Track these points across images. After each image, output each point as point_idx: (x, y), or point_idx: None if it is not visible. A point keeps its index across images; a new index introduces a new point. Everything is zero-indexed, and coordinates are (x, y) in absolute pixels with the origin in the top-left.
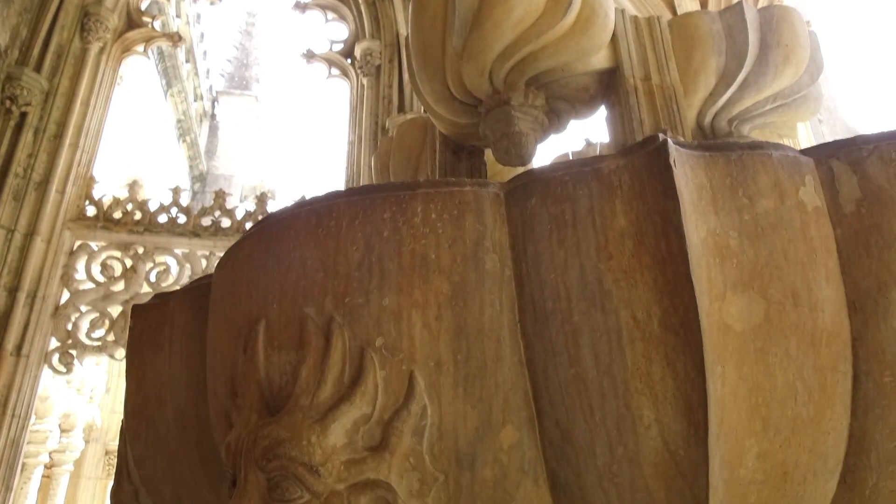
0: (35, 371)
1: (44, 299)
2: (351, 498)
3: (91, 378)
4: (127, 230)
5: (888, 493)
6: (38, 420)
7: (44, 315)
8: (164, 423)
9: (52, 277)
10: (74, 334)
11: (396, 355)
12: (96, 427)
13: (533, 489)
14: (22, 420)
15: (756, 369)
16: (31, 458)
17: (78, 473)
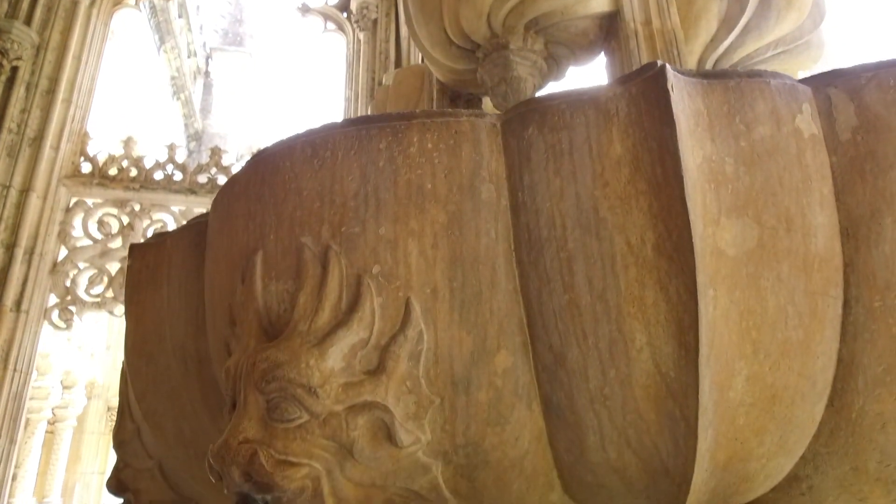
0: (35, 327)
1: (41, 256)
2: (349, 419)
3: (91, 336)
4: (123, 187)
5: (874, 415)
6: (40, 376)
7: (42, 272)
8: (165, 358)
9: (49, 234)
10: (73, 291)
11: (393, 282)
12: (97, 384)
13: (526, 412)
14: (24, 375)
15: (748, 293)
16: (35, 414)
17: (81, 429)
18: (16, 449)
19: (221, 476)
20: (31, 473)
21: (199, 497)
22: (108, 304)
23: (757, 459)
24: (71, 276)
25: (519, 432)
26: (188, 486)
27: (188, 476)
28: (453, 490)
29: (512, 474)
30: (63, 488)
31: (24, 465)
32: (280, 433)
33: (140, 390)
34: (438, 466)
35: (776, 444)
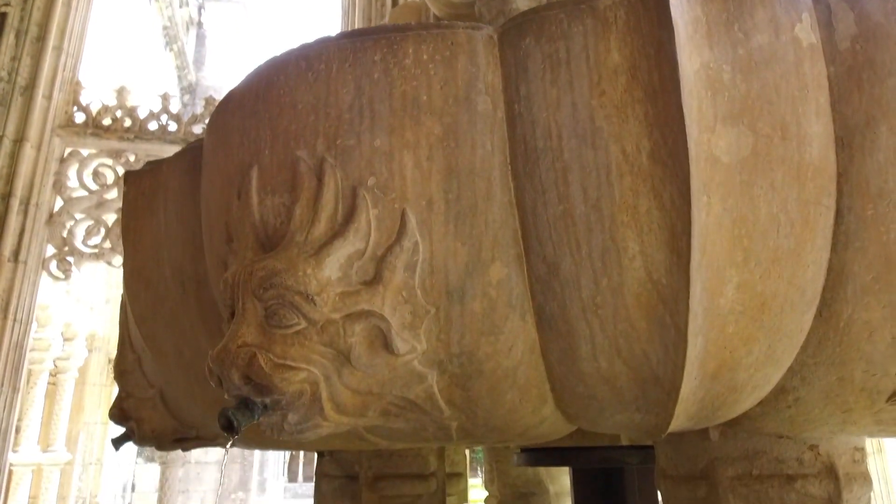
0: (33, 277)
1: (37, 206)
2: (346, 326)
3: (90, 289)
4: (117, 137)
5: (861, 324)
6: (41, 328)
7: (38, 222)
8: (163, 282)
9: (44, 185)
10: (70, 241)
11: (388, 194)
12: (98, 336)
13: (520, 323)
14: (24, 325)
15: (741, 201)
16: (36, 365)
17: (83, 380)
18: (19, 397)
19: (221, 380)
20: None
21: (200, 424)
22: (105, 254)
23: (745, 369)
24: (68, 227)
25: (512, 342)
26: (189, 413)
27: (189, 401)
28: (448, 400)
29: (505, 385)
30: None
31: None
32: (278, 339)
33: (139, 314)
34: (434, 376)
35: (764, 353)
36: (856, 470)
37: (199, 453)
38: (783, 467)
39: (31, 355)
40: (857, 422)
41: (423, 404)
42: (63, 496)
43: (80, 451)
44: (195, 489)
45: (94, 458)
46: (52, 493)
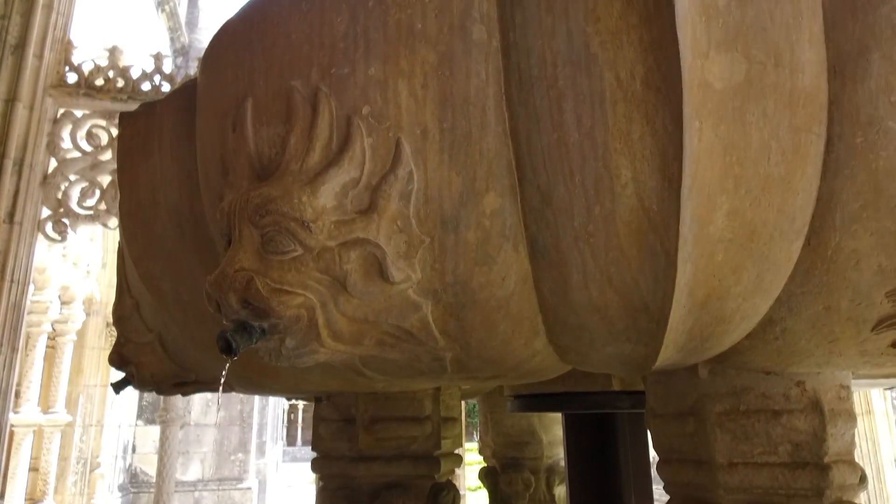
0: (29, 238)
1: (31, 167)
2: (341, 253)
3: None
4: (110, 98)
5: (849, 252)
6: (38, 291)
7: (33, 183)
8: (160, 222)
9: (37, 146)
10: (65, 203)
11: (383, 123)
12: (96, 300)
13: (513, 254)
14: (21, 286)
15: (733, 127)
16: (35, 328)
17: (81, 344)
18: (18, 358)
19: (219, 305)
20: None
21: (199, 368)
22: (101, 216)
23: (734, 298)
24: (62, 189)
25: (505, 273)
26: (188, 356)
27: (187, 343)
28: (442, 330)
29: (498, 315)
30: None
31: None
32: (275, 264)
33: (137, 255)
34: (428, 305)
35: (753, 282)
36: (841, 406)
37: (199, 415)
38: (770, 403)
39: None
40: (843, 352)
41: (417, 334)
42: (64, 457)
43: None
44: (195, 451)
45: (94, 419)
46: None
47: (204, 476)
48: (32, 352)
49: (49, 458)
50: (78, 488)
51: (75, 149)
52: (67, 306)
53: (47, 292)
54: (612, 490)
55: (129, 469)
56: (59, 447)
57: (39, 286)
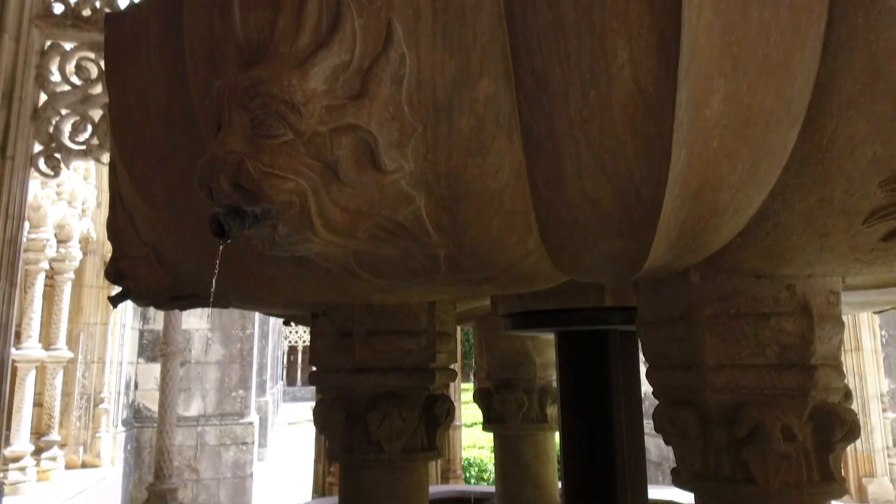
0: (22, 173)
1: (21, 101)
2: (333, 138)
3: (81, 192)
4: (98, 29)
5: (844, 140)
6: (34, 229)
7: (23, 117)
8: (150, 125)
9: (26, 78)
10: (57, 138)
11: (374, 3)
12: (92, 240)
13: (507, 143)
14: (16, 220)
15: (732, 6)
16: (32, 265)
17: (80, 283)
18: (16, 293)
19: (211, 190)
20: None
21: (195, 281)
22: (94, 151)
23: (727, 189)
24: (53, 123)
25: (499, 164)
26: (184, 268)
27: (182, 252)
28: (436, 224)
29: (492, 210)
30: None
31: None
32: (266, 148)
33: (129, 158)
34: (422, 198)
35: (747, 172)
36: (829, 311)
37: (199, 354)
38: (760, 306)
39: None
40: (834, 248)
41: (411, 227)
42: (68, 392)
43: (82, 351)
44: (196, 388)
45: (95, 357)
46: (57, 389)
47: (206, 412)
48: (31, 289)
49: (53, 394)
50: (82, 423)
51: (64, 82)
52: (64, 245)
53: (43, 231)
54: (604, 408)
55: (132, 404)
56: (62, 383)
57: (35, 224)
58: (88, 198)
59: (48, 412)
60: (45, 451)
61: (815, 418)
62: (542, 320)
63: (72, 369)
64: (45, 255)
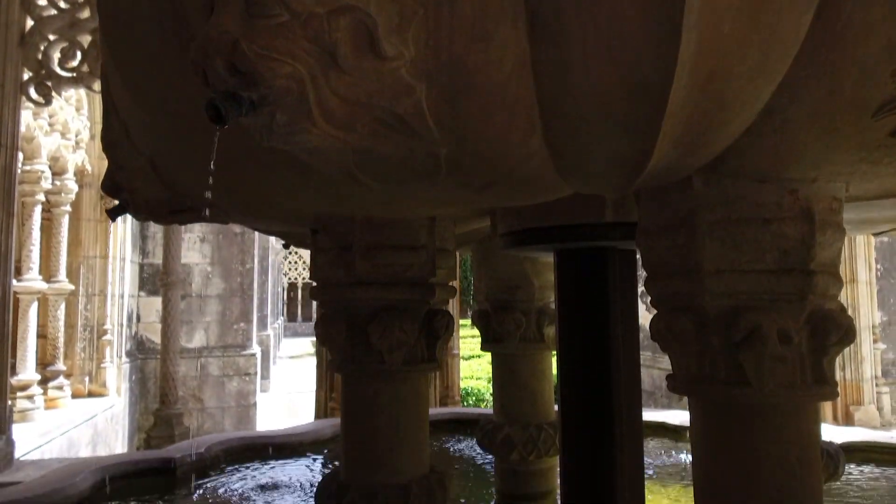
0: (13, 102)
1: (7, 26)
2: (330, 20)
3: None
4: None
5: (859, 25)
6: (28, 160)
7: (11, 44)
8: (141, 23)
9: (10, 2)
10: (47, 65)
11: None
12: (88, 172)
13: (511, 31)
14: (9, 150)
15: None
16: (29, 198)
17: (77, 216)
18: (14, 223)
19: (206, 75)
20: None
21: (193, 193)
22: (85, 79)
23: (737, 79)
24: (42, 49)
25: (503, 53)
26: (181, 180)
27: (179, 162)
28: (437, 118)
29: (495, 103)
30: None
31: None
32: (261, 29)
33: (121, 59)
34: (423, 89)
35: (757, 61)
36: (831, 218)
37: (200, 287)
38: (762, 211)
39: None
40: (841, 146)
41: (411, 121)
42: (71, 324)
43: (83, 284)
44: (198, 320)
45: (96, 289)
46: (60, 321)
47: (208, 344)
48: (29, 222)
49: (56, 325)
50: (87, 353)
51: (51, 6)
52: (59, 178)
53: (38, 162)
54: (601, 326)
55: (135, 337)
56: (64, 315)
57: (29, 156)
58: (82, 130)
59: (52, 343)
60: (51, 381)
61: (811, 322)
62: (541, 237)
63: (73, 302)
64: (40, 188)
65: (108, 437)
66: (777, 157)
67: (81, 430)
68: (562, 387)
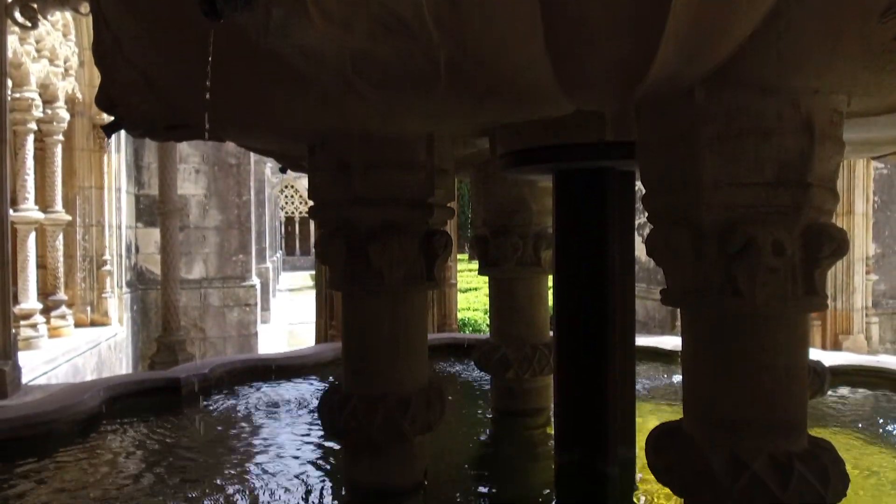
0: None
1: None
2: None
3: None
4: None
5: None
6: (17, 88)
7: None
8: None
9: None
10: None
11: None
12: (79, 101)
13: None
14: None
15: None
16: (20, 126)
17: (70, 146)
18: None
19: None
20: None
21: (189, 109)
22: (72, 0)
23: None
24: None
25: None
26: (175, 94)
27: (172, 71)
28: (436, 18)
29: (496, 4)
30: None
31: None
32: None
33: None
34: None
35: None
36: (831, 131)
37: (197, 219)
38: (762, 123)
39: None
40: (846, 52)
41: (410, 22)
42: (70, 255)
43: (79, 214)
44: (197, 252)
45: (93, 220)
46: (59, 251)
47: (208, 275)
48: (22, 151)
49: (55, 256)
50: (87, 284)
51: None
52: (50, 106)
53: (27, 90)
54: (598, 248)
55: (134, 268)
56: (62, 245)
57: (18, 83)
58: (70, 56)
59: (52, 273)
60: (53, 310)
61: (805, 235)
62: (541, 157)
63: (71, 232)
64: (32, 116)
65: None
66: (780, 64)
67: (86, 357)
68: (557, 308)
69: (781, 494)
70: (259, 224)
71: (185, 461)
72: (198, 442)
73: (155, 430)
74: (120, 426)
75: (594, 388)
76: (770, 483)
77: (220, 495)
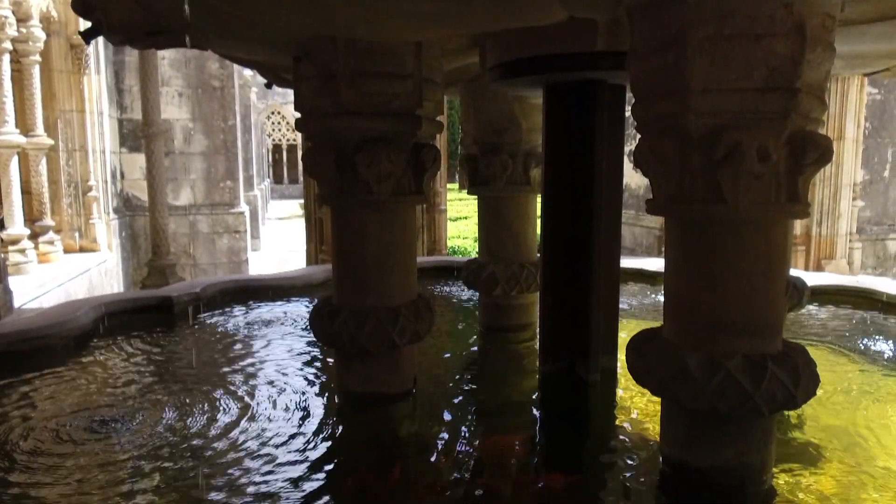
0: None
1: None
2: None
3: None
4: None
5: None
6: None
7: None
8: None
9: None
10: None
11: None
12: (54, 19)
13: None
14: None
15: None
16: None
17: (48, 67)
18: None
19: None
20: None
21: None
22: None
23: None
24: None
25: None
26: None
27: None
28: None
29: None
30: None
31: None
32: None
33: None
34: None
35: None
36: (823, 36)
37: (182, 144)
38: (754, 25)
39: None
40: None
41: None
42: (54, 180)
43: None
44: (184, 178)
45: (77, 145)
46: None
47: (195, 201)
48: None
49: (39, 181)
50: (74, 209)
51: None
52: (24, 25)
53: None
54: (587, 163)
55: (120, 194)
56: (46, 170)
57: None
58: None
59: (38, 199)
60: (41, 236)
61: (791, 141)
62: (532, 68)
63: (55, 158)
64: (5, 34)
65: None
66: None
67: (77, 282)
68: (545, 222)
69: (754, 392)
70: (246, 151)
71: (181, 370)
72: (191, 352)
73: (149, 343)
74: (114, 341)
75: (579, 301)
76: (744, 382)
77: (213, 402)
